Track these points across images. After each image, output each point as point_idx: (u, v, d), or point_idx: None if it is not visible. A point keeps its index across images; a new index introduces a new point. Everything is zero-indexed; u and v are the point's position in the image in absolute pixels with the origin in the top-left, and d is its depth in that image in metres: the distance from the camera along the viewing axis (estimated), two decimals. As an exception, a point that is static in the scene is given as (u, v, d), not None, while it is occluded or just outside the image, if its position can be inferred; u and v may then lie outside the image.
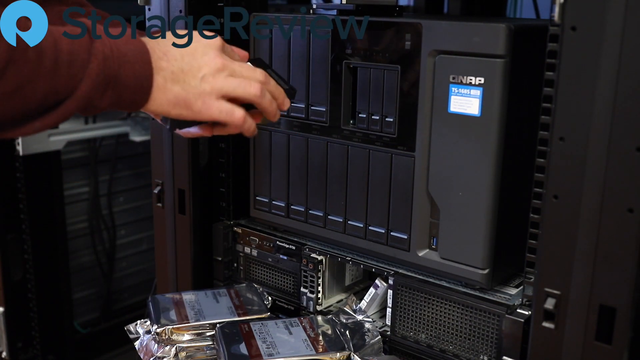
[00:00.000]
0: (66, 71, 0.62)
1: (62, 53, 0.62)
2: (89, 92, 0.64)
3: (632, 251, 0.65)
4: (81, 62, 0.63)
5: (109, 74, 0.65)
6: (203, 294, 1.02)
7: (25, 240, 1.57)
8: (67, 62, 0.62)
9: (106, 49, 0.65)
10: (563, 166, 0.69)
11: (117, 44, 0.67)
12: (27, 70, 0.60)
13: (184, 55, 0.71)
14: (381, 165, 0.90)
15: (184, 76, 0.70)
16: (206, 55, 0.72)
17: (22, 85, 0.60)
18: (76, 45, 0.63)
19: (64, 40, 0.63)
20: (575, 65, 0.67)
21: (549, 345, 0.73)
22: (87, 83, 0.64)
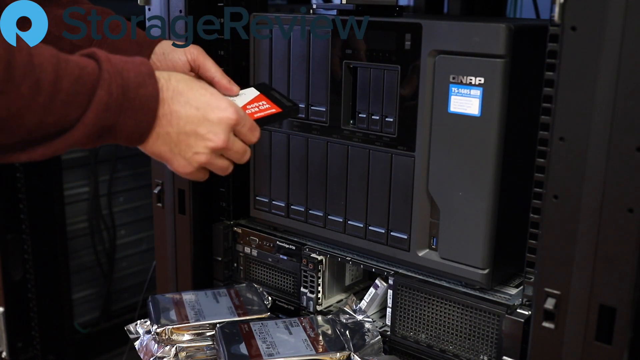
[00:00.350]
0: (60, 110, 0.60)
1: (61, 92, 0.59)
2: (81, 139, 0.62)
3: (632, 251, 0.65)
4: (78, 105, 0.61)
5: (106, 124, 0.62)
6: (203, 294, 1.02)
7: (25, 240, 1.57)
8: (63, 102, 0.60)
9: (111, 98, 0.62)
10: (563, 166, 0.69)
11: (126, 89, 0.63)
12: (17, 104, 0.57)
13: (190, 121, 0.68)
14: (381, 165, 0.90)
15: (177, 142, 0.68)
16: (212, 131, 0.69)
17: (10, 118, 0.57)
18: (79, 87, 0.60)
19: (66, 79, 0.60)
20: (575, 65, 0.67)
21: (549, 345, 0.73)
22: (81, 130, 0.61)
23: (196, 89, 0.69)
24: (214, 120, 0.69)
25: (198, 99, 0.68)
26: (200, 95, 0.69)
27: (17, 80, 0.56)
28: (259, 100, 0.82)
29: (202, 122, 0.68)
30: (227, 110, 0.69)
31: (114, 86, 0.62)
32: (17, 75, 0.56)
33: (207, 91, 0.70)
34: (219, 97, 0.70)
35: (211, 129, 0.69)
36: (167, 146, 0.68)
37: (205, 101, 0.69)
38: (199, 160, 0.70)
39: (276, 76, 0.98)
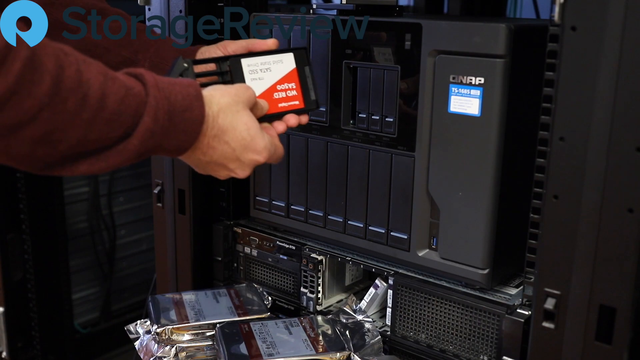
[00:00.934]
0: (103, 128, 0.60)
1: (105, 111, 0.59)
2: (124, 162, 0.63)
3: (632, 251, 0.65)
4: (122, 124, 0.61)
5: (148, 148, 0.64)
6: (203, 294, 1.02)
7: (25, 240, 1.57)
8: (107, 120, 0.60)
9: (157, 125, 0.62)
10: (563, 166, 0.69)
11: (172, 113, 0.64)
12: (62, 119, 0.57)
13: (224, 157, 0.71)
14: (381, 165, 0.90)
15: (205, 166, 0.73)
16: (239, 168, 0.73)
17: (53, 131, 0.57)
18: (124, 107, 0.61)
19: (112, 97, 0.60)
20: (575, 65, 0.67)
21: (549, 345, 0.73)
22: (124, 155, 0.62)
23: (239, 129, 0.70)
24: (246, 161, 0.73)
25: (237, 140, 0.70)
26: (241, 138, 0.71)
27: (64, 95, 0.57)
28: (290, 81, 0.81)
29: (234, 160, 0.72)
30: (260, 154, 0.73)
31: (161, 113, 0.63)
32: (65, 90, 0.57)
33: (249, 133, 0.71)
34: (257, 140, 0.72)
35: (240, 166, 0.73)
36: (195, 164, 0.73)
37: (243, 144, 0.71)
38: (221, 175, 0.75)
39: (276, 76, 0.98)
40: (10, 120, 0.55)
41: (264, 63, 0.80)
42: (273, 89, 0.80)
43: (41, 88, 0.55)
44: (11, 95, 0.54)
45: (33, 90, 0.55)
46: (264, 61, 0.80)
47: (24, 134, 0.56)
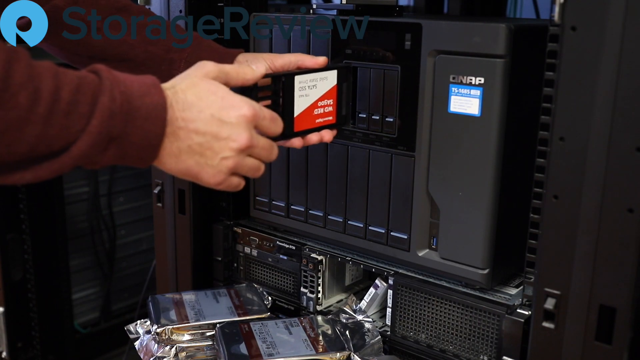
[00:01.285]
0: (61, 121, 0.58)
1: (61, 102, 0.57)
2: (87, 150, 0.60)
3: (632, 251, 0.65)
4: (81, 115, 0.59)
5: (113, 133, 0.60)
6: (203, 294, 1.02)
7: (25, 240, 1.57)
8: (64, 112, 0.58)
9: (114, 104, 0.60)
10: (563, 166, 0.69)
11: (130, 97, 0.61)
12: (15, 115, 0.55)
13: (209, 125, 0.66)
14: (381, 165, 0.90)
15: (202, 151, 0.66)
16: (233, 132, 0.66)
17: (7, 130, 0.55)
18: (80, 96, 0.59)
19: (66, 88, 0.58)
20: (575, 65, 0.67)
21: (549, 345, 0.73)
22: (86, 140, 0.59)
23: (205, 96, 0.66)
24: (232, 121, 0.67)
25: (210, 105, 0.66)
26: (212, 102, 0.66)
27: (14, 90, 0.55)
28: (330, 97, 0.83)
29: (221, 125, 0.66)
30: (242, 108, 0.67)
31: (117, 92, 0.60)
32: (15, 85, 0.55)
33: (217, 95, 0.67)
34: (231, 97, 0.68)
35: (232, 130, 0.66)
36: (192, 159, 0.66)
37: (218, 105, 0.66)
38: (228, 165, 0.68)
39: (276, 76, 0.98)
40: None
41: (312, 80, 0.81)
42: (315, 105, 0.81)
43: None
44: None
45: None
46: (312, 78, 0.81)
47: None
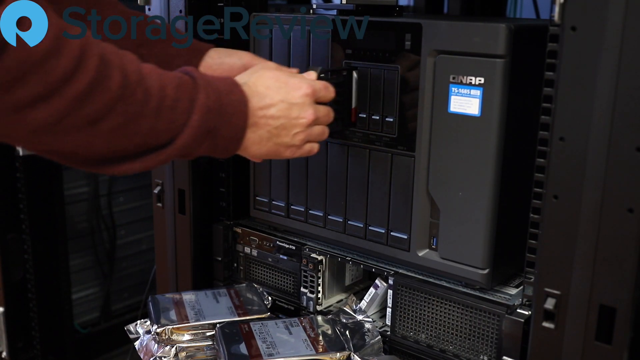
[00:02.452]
0: (168, 116, 0.65)
1: (167, 98, 0.65)
2: (190, 142, 0.68)
3: (632, 251, 0.65)
4: (183, 110, 0.66)
5: (209, 126, 0.69)
6: (203, 294, 1.02)
7: (25, 240, 1.57)
8: (170, 107, 0.65)
9: (210, 101, 0.68)
10: (563, 166, 0.69)
11: (219, 94, 0.70)
12: (134, 109, 0.62)
13: (281, 110, 0.76)
14: (381, 165, 0.90)
15: (277, 132, 0.76)
16: (302, 110, 0.77)
17: (127, 123, 0.62)
18: (180, 93, 0.66)
19: (169, 86, 0.66)
20: (575, 65, 0.67)
21: (549, 345, 0.73)
22: (189, 133, 0.67)
23: (272, 84, 0.76)
24: (298, 101, 0.77)
25: (278, 91, 0.76)
26: (278, 88, 0.76)
27: (132, 87, 0.62)
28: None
29: (290, 107, 0.76)
30: (302, 87, 0.77)
31: (210, 91, 0.69)
32: (132, 83, 0.62)
33: (281, 80, 0.77)
34: (291, 80, 0.77)
35: (299, 109, 0.77)
36: (271, 141, 0.76)
37: (284, 90, 0.76)
38: (300, 138, 0.79)
39: (276, 76, 0.98)
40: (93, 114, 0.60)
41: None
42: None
43: (114, 81, 0.60)
44: (91, 89, 0.59)
45: (108, 83, 0.60)
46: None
47: (103, 126, 0.61)
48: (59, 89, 0.57)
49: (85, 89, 0.58)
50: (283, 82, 0.77)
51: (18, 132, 0.59)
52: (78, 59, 0.58)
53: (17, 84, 0.55)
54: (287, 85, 0.77)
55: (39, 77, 0.56)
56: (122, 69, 0.62)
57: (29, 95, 0.56)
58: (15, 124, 0.58)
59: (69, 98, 0.58)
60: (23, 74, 0.55)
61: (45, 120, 0.58)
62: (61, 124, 0.59)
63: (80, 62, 0.58)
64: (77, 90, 0.58)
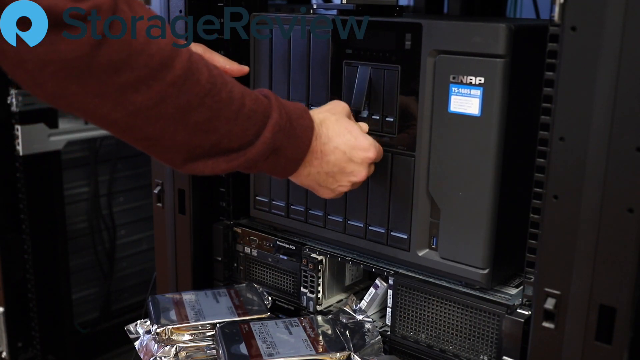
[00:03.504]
0: (244, 123, 0.68)
1: (245, 107, 0.68)
2: (257, 155, 0.71)
3: (632, 251, 0.65)
4: (257, 122, 0.70)
5: (277, 145, 0.72)
6: (203, 294, 1.02)
7: (25, 240, 1.57)
8: (247, 116, 0.69)
9: (282, 120, 0.72)
10: (563, 166, 0.69)
11: (290, 117, 0.73)
12: (219, 106, 0.66)
13: (340, 161, 0.79)
14: (381, 165, 0.90)
15: (326, 179, 0.80)
16: (356, 170, 0.81)
17: (212, 119, 0.66)
18: (257, 107, 0.70)
19: (248, 97, 0.69)
20: (575, 65, 0.67)
21: (549, 345, 0.73)
22: (258, 148, 0.70)
23: (342, 133, 0.79)
24: (358, 161, 0.80)
25: (345, 143, 0.79)
26: (347, 141, 0.79)
27: (219, 87, 0.66)
28: None
29: (348, 163, 0.80)
30: (369, 151, 0.81)
31: (283, 112, 0.72)
32: (218, 83, 0.66)
33: (352, 134, 0.80)
34: (361, 138, 0.81)
35: (355, 167, 0.81)
36: (317, 180, 0.80)
37: (351, 144, 0.79)
38: (342, 191, 0.83)
39: (276, 76, 0.98)
40: (186, 103, 0.63)
41: None
42: None
43: (203, 75, 0.64)
44: (186, 78, 0.62)
45: (198, 76, 0.63)
46: None
47: (191, 118, 0.64)
48: (160, 73, 0.60)
49: (181, 75, 0.61)
50: (353, 136, 0.80)
51: (119, 113, 0.61)
52: (173, 48, 0.61)
53: (124, 66, 0.58)
54: (357, 142, 0.80)
55: (144, 60, 0.59)
56: (207, 67, 0.65)
57: (134, 78, 0.59)
58: (118, 105, 0.60)
59: (167, 83, 0.61)
60: (129, 56, 0.58)
61: (144, 103, 0.61)
62: (157, 109, 0.62)
63: (175, 51, 0.61)
64: (174, 76, 0.61)
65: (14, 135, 1.53)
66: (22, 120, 1.51)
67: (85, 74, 0.57)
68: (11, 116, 1.52)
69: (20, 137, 1.52)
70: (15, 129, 1.52)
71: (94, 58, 0.57)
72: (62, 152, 1.64)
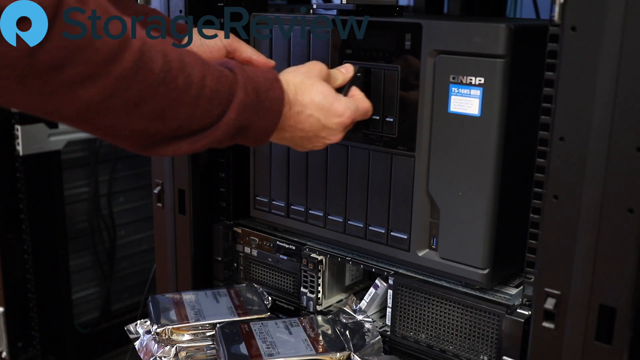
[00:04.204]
0: (205, 105, 0.66)
1: (206, 89, 0.66)
2: (222, 136, 0.69)
3: (632, 251, 0.65)
4: (220, 103, 0.67)
5: (243, 123, 0.69)
6: (203, 294, 1.02)
7: (25, 240, 1.57)
8: (208, 98, 0.66)
9: (248, 98, 0.69)
10: (563, 166, 0.69)
11: (258, 91, 0.70)
12: (175, 94, 0.63)
13: (313, 127, 0.77)
14: (381, 165, 0.90)
15: (300, 140, 0.79)
16: (331, 134, 0.79)
17: (168, 108, 0.64)
18: (220, 86, 0.67)
19: (210, 77, 0.66)
20: (575, 65, 0.67)
21: (549, 345, 0.73)
22: (223, 129, 0.68)
23: (317, 100, 0.76)
24: (333, 126, 0.78)
25: (319, 110, 0.76)
26: (321, 107, 0.77)
27: (174, 73, 0.63)
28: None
29: (322, 129, 0.78)
30: (343, 115, 0.78)
31: (249, 89, 0.69)
32: (174, 69, 0.63)
33: (327, 100, 0.77)
34: (337, 104, 0.78)
35: (330, 132, 0.79)
36: (290, 143, 0.80)
37: (325, 111, 0.77)
38: (317, 148, 0.82)
39: (276, 76, 0.98)
40: (138, 95, 0.61)
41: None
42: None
43: (156, 64, 0.61)
44: (137, 70, 0.60)
45: (151, 65, 0.61)
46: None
47: (145, 108, 0.62)
48: (106, 68, 0.58)
49: (130, 68, 0.59)
50: (329, 103, 0.77)
51: (67, 109, 0.60)
52: (123, 40, 0.59)
53: (67, 63, 0.57)
54: (331, 108, 0.77)
55: (88, 55, 0.57)
56: (164, 53, 0.63)
57: (79, 74, 0.57)
58: (65, 102, 0.59)
59: (115, 77, 0.59)
60: (72, 52, 0.56)
61: (92, 98, 0.59)
62: (107, 103, 0.60)
63: (124, 43, 0.59)
64: (122, 69, 0.59)
65: (14, 135, 1.53)
66: (22, 120, 1.51)
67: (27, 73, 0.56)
68: (11, 116, 1.52)
69: (20, 137, 1.52)
70: (15, 129, 1.52)
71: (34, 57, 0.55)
72: (62, 152, 1.64)
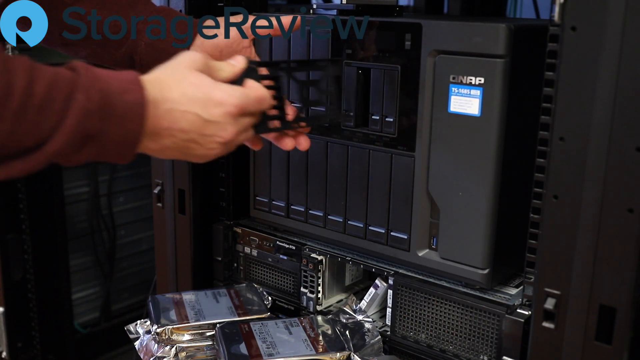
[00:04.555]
0: (33, 117, 0.56)
1: (34, 97, 0.56)
2: (62, 148, 0.58)
3: (632, 251, 0.65)
4: (54, 112, 0.57)
5: (90, 131, 0.59)
6: (203, 294, 1.02)
7: (25, 240, 1.57)
8: (37, 107, 0.56)
9: (91, 102, 0.58)
10: (563, 166, 0.69)
11: (107, 95, 0.59)
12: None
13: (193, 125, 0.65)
14: (381, 165, 0.90)
15: (187, 145, 0.67)
16: (218, 129, 0.66)
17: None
18: (55, 92, 0.57)
19: (41, 83, 0.56)
20: (575, 65, 0.67)
21: (549, 345, 0.73)
22: (61, 138, 0.57)
23: (191, 91, 0.65)
24: (217, 119, 0.66)
25: (195, 103, 0.65)
26: (197, 100, 0.65)
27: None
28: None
29: (205, 124, 0.66)
30: (225, 104, 0.66)
31: (94, 90, 0.59)
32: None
33: (202, 90, 0.66)
34: (215, 92, 0.66)
35: (216, 127, 0.66)
36: (178, 151, 0.67)
37: (203, 103, 0.65)
38: (216, 153, 0.69)
39: (276, 76, 0.98)
40: None
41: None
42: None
43: None
44: None
45: None
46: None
47: None
48: None
49: None
50: (204, 93, 0.65)
51: None
52: None
53: None
54: (208, 98, 0.65)
55: None
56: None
57: None
58: None
59: None
60: None
61: None
62: None
63: None
64: None
65: (14, 135, 1.53)
66: (22, 121, 1.51)
67: None
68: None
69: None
70: (15, 129, 1.52)
71: None
72: (62, 152, 1.64)
